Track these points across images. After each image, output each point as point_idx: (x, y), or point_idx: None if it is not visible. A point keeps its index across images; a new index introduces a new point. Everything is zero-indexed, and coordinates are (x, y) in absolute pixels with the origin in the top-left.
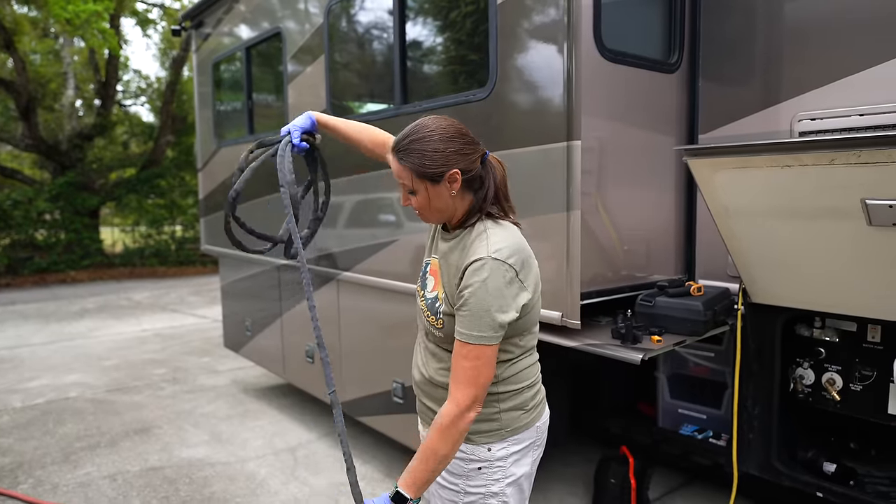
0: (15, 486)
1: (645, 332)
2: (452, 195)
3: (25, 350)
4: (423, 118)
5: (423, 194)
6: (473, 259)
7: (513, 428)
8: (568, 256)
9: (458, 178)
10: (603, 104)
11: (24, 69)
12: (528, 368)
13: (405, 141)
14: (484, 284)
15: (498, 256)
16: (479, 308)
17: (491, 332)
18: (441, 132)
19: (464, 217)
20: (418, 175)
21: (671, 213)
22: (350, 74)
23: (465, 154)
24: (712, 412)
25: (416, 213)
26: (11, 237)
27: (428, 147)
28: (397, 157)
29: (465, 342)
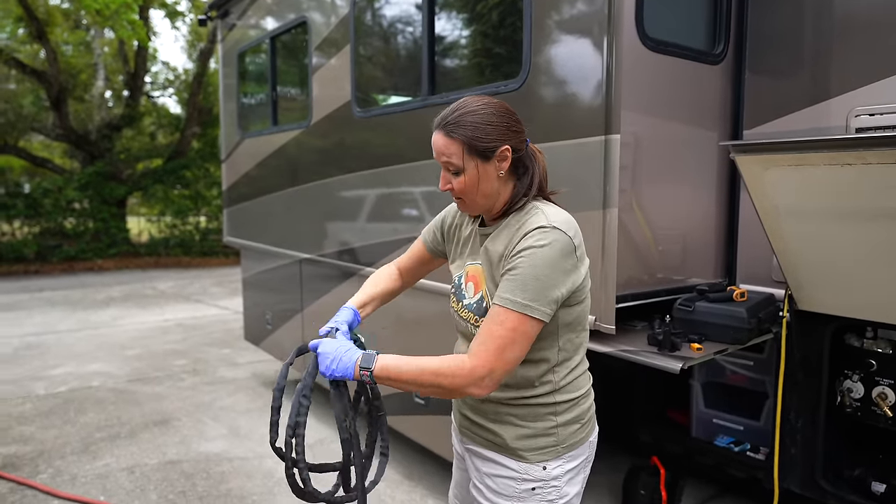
0: (35, 476)
1: (683, 339)
2: (500, 176)
3: (52, 337)
4: (466, 97)
5: (471, 173)
6: (534, 227)
7: (569, 444)
8: (603, 257)
9: (508, 155)
10: (643, 96)
11: (56, 60)
12: (584, 374)
13: (454, 114)
14: (542, 251)
15: (560, 226)
16: (532, 273)
17: (537, 304)
18: (493, 106)
19: (507, 205)
20: (469, 150)
21: (711, 213)
22: (376, 65)
23: (515, 131)
24: (750, 424)
25: (455, 199)
26: (41, 225)
27: (481, 120)
28: (445, 132)
29: (505, 307)
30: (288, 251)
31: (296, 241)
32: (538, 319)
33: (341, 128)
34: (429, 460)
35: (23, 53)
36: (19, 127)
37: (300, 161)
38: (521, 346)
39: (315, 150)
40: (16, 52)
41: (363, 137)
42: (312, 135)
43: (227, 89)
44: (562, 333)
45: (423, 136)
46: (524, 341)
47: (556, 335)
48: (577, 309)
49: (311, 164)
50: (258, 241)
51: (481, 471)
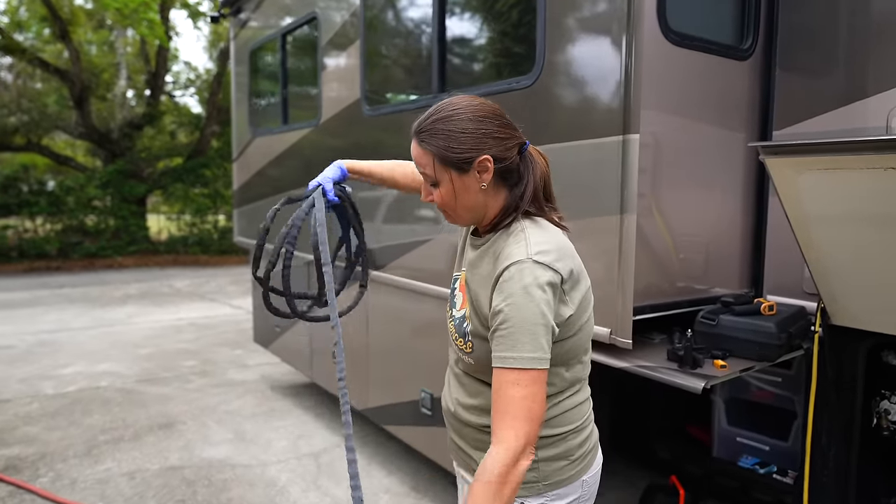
0: (35, 479)
1: (706, 355)
2: (482, 188)
3: (65, 335)
4: (453, 96)
5: (447, 186)
6: (510, 263)
7: (554, 481)
8: (619, 265)
9: (489, 166)
10: (664, 93)
11: (79, 59)
12: (576, 408)
13: (428, 120)
14: (526, 293)
15: (540, 259)
16: (526, 322)
17: (542, 352)
18: (472, 110)
19: (497, 218)
20: (442, 161)
21: (736, 219)
22: (386, 61)
23: (498, 138)
24: (777, 444)
25: (441, 213)
26: (63, 222)
27: (455, 127)
28: (418, 140)
29: (514, 367)
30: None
31: (304, 243)
32: (546, 369)
33: (351, 126)
34: (435, 472)
35: (47, 53)
36: (43, 125)
37: (310, 160)
38: (543, 399)
39: (325, 149)
40: (40, 52)
41: (373, 136)
42: (322, 134)
43: (239, 87)
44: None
45: None
46: (542, 393)
47: None
48: (565, 344)
49: (321, 163)
50: (267, 242)
51: (465, 497)
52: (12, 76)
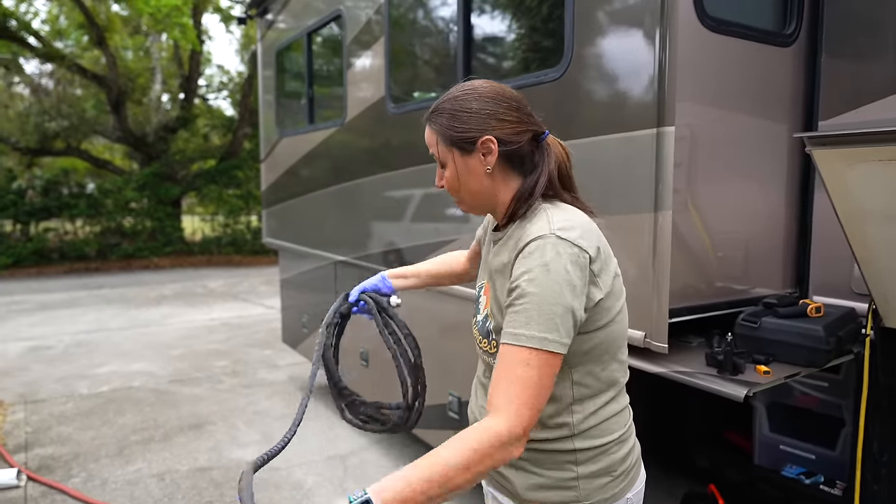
0: (67, 479)
1: (747, 360)
2: (487, 172)
3: (102, 335)
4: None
5: (451, 168)
6: (531, 238)
7: (596, 500)
8: (654, 265)
9: (492, 147)
10: (701, 82)
11: (115, 64)
12: (616, 416)
13: (439, 102)
14: (546, 268)
15: (564, 235)
16: (545, 300)
17: (557, 335)
18: (481, 92)
19: (511, 207)
20: (445, 140)
21: (778, 215)
22: (411, 57)
23: (504, 120)
24: (823, 453)
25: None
26: (102, 224)
27: (460, 106)
28: (428, 121)
29: (523, 346)
30: (323, 253)
31: (330, 243)
32: (560, 354)
33: (375, 125)
34: None
35: (85, 59)
36: (82, 130)
37: (335, 160)
38: (550, 387)
39: (350, 148)
40: (79, 59)
41: (397, 135)
42: (347, 133)
43: (266, 88)
44: (576, 365)
45: None
46: (551, 381)
47: (566, 367)
48: (597, 335)
49: (345, 163)
50: (294, 243)
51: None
52: (53, 83)
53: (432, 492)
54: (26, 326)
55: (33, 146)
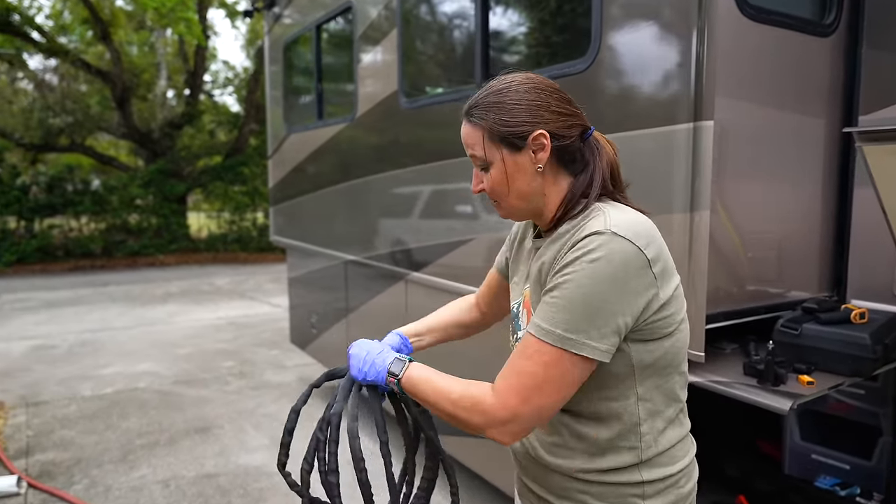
0: (69, 486)
1: (788, 369)
2: (539, 171)
3: (107, 334)
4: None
5: (498, 167)
6: (585, 234)
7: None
8: (690, 268)
9: (545, 143)
10: (739, 74)
11: (120, 60)
12: (680, 443)
13: (479, 96)
14: (594, 265)
15: (621, 232)
16: (578, 294)
17: (584, 337)
18: (527, 82)
19: (560, 210)
20: (492, 137)
21: (815, 214)
22: (425, 50)
23: (557, 112)
24: (859, 463)
25: (493, 204)
26: (107, 221)
27: (508, 98)
28: (468, 117)
29: (539, 338)
30: (333, 252)
31: (341, 242)
32: (587, 357)
33: (388, 120)
34: (481, 485)
35: (89, 55)
36: (87, 126)
37: (345, 157)
38: (560, 391)
39: (360, 144)
40: (83, 54)
41: (411, 130)
42: (358, 129)
43: (274, 83)
44: (641, 379)
45: None
46: (564, 385)
47: (632, 380)
48: (663, 344)
49: (356, 160)
50: (303, 241)
51: None
52: (57, 78)
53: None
54: (31, 325)
55: (37, 142)
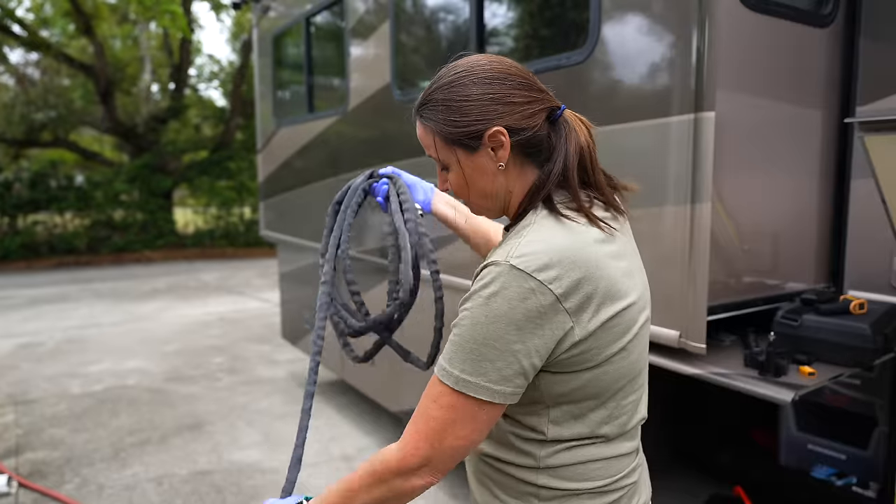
0: (61, 485)
1: (789, 360)
2: (500, 168)
3: (94, 331)
4: (463, 57)
5: (456, 169)
6: (486, 262)
7: None
8: (690, 260)
9: (503, 140)
10: (740, 65)
11: (103, 53)
12: (600, 462)
13: (430, 90)
14: (486, 303)
15: (520, 264)
16: (470, 333)
17: (480, 379)
18: (479, 71)
19: (524, 202)
20: (444, 139)
21: (811, 205)
22: (419, 40)
23: (514, 103)
24: (855, 453)
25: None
26: (92, 217)
27: (456, 94)
28: (418, 115)
29: (440, 379)
30: None
31: None
32: (489, 402)
33: (380, 113)
34: None
35: (72, 48)
36: (70, 121)
37: (338, 150)
38: (471, 432)
39: (352, 138)
40: (65, 47)
41: (405, 123)
42: (350, 122)
43: (263, 76)
44: (554, 405)
45: None
46: (472, 426)
47: (542, 406)
48: (581, 377)
49: (348, 153)
50: (294, 236)
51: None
52: (39, 72)
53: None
54: (16, 322)
55: (20, 137)
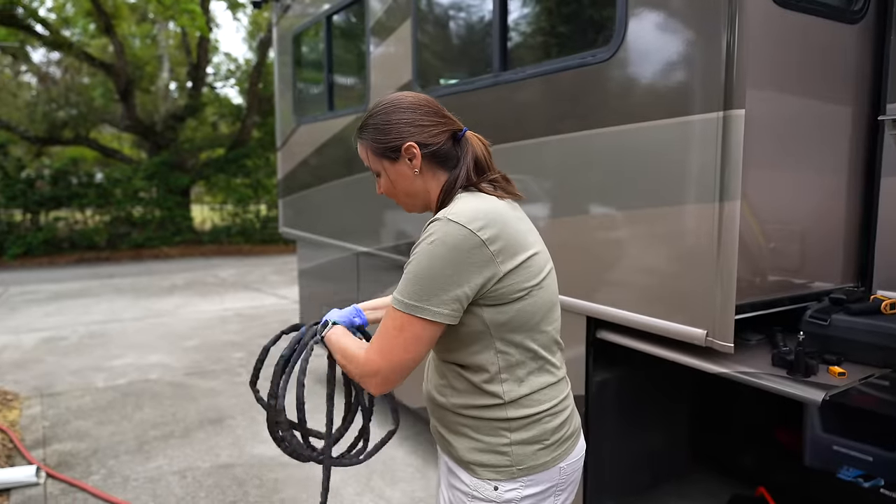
0: (87, 476)
1: (818, 360)
2: (416, 173)
3: (115, 325)
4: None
5: (384, 175)
6: (430, 221)
7: (527, 466)
8: (718, 258)
9: (415, 152)
10: (769, 62)
11: (123, 52)
12: (547, 388)
13: (364, 119)
14: (431, 246)
15: (455, 218)
16: (418, 269)
17: (426, 304)
18: (396, 103)
19: (439, 199)
20: (374, 152)
21: (840, 203)
22: (441, 38)
23: (422, 126)
24: (882, 454)
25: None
26: (111, 213)
27: (381, 120)
28: (358, 137)
29: (394, 307)
30: (344, 244)
31: (352, 234)
32: (431, 321)
33: None
34: None
35: (92, 47)
36: (90, 119)
37: None
38: (415, 349)
39: None
40: (86, 46)
41: None
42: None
43: (283, 74)
44: (497, 335)
45: (494, 117)
46: (417, 344)
47: (488, 338)
48: (513, 307)
49: None
50: (314, 233)
51: (445, 478)
52: (60, 71)
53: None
54: (40, 317)
55: (42, 135)
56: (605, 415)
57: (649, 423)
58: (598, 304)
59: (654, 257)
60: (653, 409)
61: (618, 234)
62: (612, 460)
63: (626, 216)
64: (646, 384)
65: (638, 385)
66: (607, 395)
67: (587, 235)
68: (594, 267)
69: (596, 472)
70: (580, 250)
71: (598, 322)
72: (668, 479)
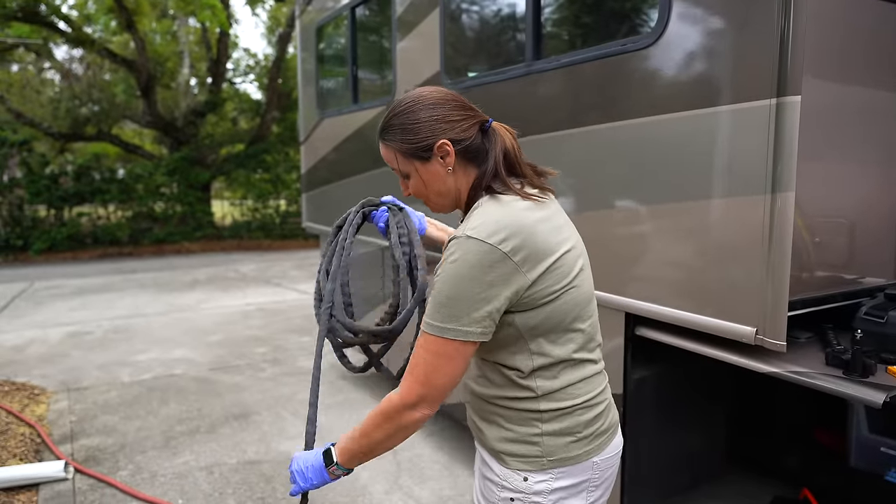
0: (115, 472)
1: (875, 359)
2: (449, 172)
3: (139, 320)
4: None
5: (415, 176)
6: (450, 239)
7: (559, 458)
8: (770, 253)
9: (449, 150)
10: (823, 46)
11: (144, 49)
12: (581, 382)
13: (386, 119)
14: (453, 266)
15: (474, 234)
16: (442, 293)
17: (457, 325)
18: (423, 100)
19: (471, 194)
20: (404, 154)
21: (889, 194)
22: (470, 27)
23: (452, 121)
24: None
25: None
26: (133, 209)
27: (408, 119)
28: (381, 139)
29: (425, 331)
30: (369, 238)
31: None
32: (464, 342)
33: None
34: None
35: (114, 44)
36: (112, 115)
37: None
38: (453, 368)
39: None
40: (108, 43)
41: None
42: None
43: (305, 68)
44: (531, 338)
45: (527, 108)
46: (453, 364)
47: (523, 341)
48: (544, 310)
49: None
50: None
51: (478, 469)
52: (83, 68)
53: (363, 447)
54: (65, 311)
55: (65, 131)
56: (643, 412)
57: (688, 422)
58: (637, 301)
59: (699, 251)
60: (691, 408)
61: (658, 227)
62: (650, 459)
63: (667, 209)
64: (684, 382)
65: (676, 383)
66: (646, 393)
67: (626, 228)
68: (633, 261)
69: (634, 471)
70: (619, 243)
71: (636, 318)
72: (706, 480)
